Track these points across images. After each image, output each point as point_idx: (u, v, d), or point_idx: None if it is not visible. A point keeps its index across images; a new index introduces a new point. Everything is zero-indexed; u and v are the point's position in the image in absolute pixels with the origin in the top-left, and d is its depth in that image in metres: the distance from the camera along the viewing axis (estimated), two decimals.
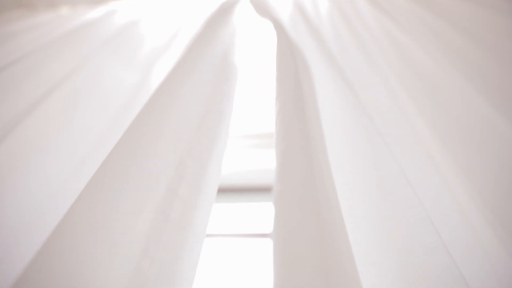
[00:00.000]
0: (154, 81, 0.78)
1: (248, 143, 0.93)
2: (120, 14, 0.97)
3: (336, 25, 0.83)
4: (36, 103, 0.66)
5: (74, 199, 0.31)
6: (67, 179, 0.60)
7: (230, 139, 0.54)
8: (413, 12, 0.83)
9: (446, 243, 0.44)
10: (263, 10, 0.70)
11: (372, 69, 0.69)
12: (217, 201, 0.45)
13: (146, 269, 0.30)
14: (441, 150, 0.55)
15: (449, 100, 0.62)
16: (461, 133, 0.57)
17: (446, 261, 0.33)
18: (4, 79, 0.71)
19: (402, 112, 0.62)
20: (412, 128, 0.59)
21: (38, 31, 0.89)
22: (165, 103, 0.46)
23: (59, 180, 0.59)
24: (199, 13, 0.91)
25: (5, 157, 0.57)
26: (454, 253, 0.45)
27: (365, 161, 0.44)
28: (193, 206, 0.38)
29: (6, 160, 0.57)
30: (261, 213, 0.93)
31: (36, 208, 0.55)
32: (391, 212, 0.38)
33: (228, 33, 0.68)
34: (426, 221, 0.36)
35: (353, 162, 0.46)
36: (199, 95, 0.50)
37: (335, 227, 0.29)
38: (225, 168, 0.49)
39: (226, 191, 0.95)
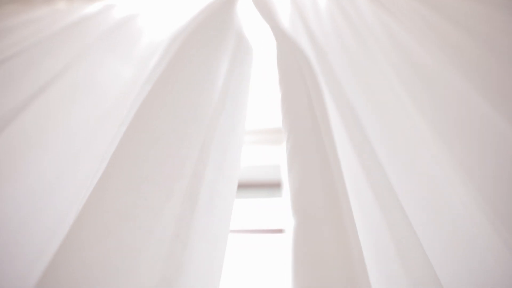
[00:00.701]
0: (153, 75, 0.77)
1: (254, 138, 0.93)
2: (118, 9, 0.96)
3: (335, 22, 0.83)
4: (33, 98, 0.65)
5: (97, 187, 0.30)
6: (63, 173, 0.59)
7: None
8: (413, 9, 0.82)
9: (445, 244, 0.45)
10: (263, 4, 0.70)
11: (372, 66, 0.69)
12: None
13: (179, 254, 0.29)
14: (441, 146, 0.55)
15: (449, 97, 0.62)
16: (460, 130, 0.57)
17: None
18: (1, 73, 0.70)
19: (403, 110, 0.62)
20: (413, 126, 0.59)
21: (35, 26, 0.88)
22: (179, 86, 0.44)
23: (56, 174, 0.59)
24: (197, 7, 0.90)
25: (3, 151, 0.57)
26: (455, 248, 0.45)
27: (360, 183, 0.43)
28: (218, 191, 0.37)
29: (4, 153, 0.57)
30: (265, 209, 0.93)
31: (35, 205, 0.54)
32: (385, 229, 0.38)
33: (237, 18, 0.67)
34: (418, 246, 0.36)
35: (351, 179, 0.45)
36: (215, 77, 0.48)
37: (353, 234, 0.29)
38: None
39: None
